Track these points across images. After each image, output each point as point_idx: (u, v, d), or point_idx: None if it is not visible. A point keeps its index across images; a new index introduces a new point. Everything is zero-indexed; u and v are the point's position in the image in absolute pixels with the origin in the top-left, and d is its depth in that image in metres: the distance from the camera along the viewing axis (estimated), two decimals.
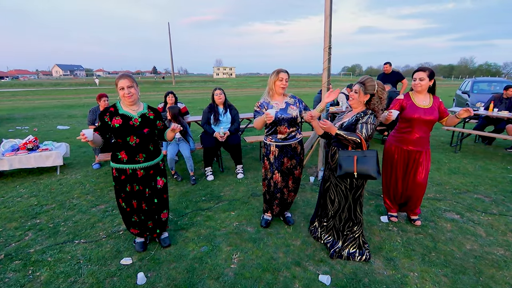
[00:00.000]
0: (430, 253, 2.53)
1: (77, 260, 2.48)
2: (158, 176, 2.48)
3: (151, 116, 2.38)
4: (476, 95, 9.35)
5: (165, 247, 2.62)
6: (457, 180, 4.20)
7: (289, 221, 2.98)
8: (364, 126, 2.23)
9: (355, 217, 2.44)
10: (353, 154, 2.20)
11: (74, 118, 10.44)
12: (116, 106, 2.32)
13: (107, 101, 4.62)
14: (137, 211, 2.49)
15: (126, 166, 2.32)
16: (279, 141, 2.69)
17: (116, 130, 2.25)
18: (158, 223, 2.60)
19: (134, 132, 2.27)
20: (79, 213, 3.29)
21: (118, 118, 2.25)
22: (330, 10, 3.74)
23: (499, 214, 3.21)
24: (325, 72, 3.90)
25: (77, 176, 4.42)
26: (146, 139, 2.33)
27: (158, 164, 2.47)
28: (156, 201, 2.52)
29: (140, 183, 2.39)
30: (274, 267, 2.37)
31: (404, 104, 2.73)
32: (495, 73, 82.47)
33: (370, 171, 2.17)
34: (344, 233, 2.49)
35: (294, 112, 2.65)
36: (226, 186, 4.02)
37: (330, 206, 2.52)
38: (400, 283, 2.19)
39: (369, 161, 2.17)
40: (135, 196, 2.43)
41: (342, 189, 2.40)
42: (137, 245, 2.61)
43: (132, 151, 2.29)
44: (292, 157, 2.75)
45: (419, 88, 2.69)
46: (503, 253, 2.55)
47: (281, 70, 2.62)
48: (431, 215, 3.17)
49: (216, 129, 4.18)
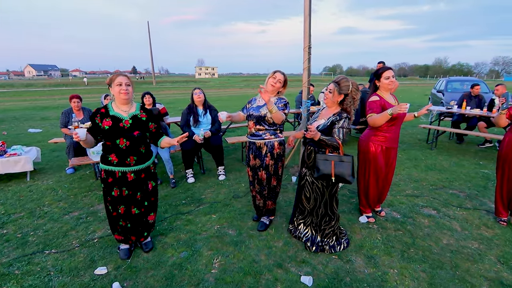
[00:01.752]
0: (409, 249, 2.58)
1: (47, 272, 2.33)
2: (148, 180, 2.42)
3: (143, 117, 2.30)
4: (450, 93, 9.73)
5: (147, 251, 2.54)
6: (433, 176, 4.33)
7: (259, 226, 2.90)
8: (341, 131, 2.29)
9: (332, 212, 2.49)
10: (331, 159, 2.27)
11: (47, 120, 9.97)
12: (108, 107, 2.24)
13: (79, 102, 4.42)
14: (124, 217, 2.40)
15: (116, 169, 2.24)
16: (248, 137, 2.75)
17: (105, 132, 2.16)
18: (145, 226, 2.54)
19: (124, 135, 2.18)
20: (50, 221, 3.11)
21: (108, 119, 2.17)
22: (309, 10, 3.75)
23: (473, 209, 3.33)
24: (305, 71, 3.91)
25: (49, 182, 4.19)
26: (137, 141, 2.24)
27: (149, 168, 2.40)
28: (146, 204, 2.46)
29: (129, 187, 2.31)
30: (256, 270, 2.32)
31: (383, 104, 2.73)
32: (467, 73, 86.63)
33: (345, 175, 2.26)
34: (321, 227, 2.53)
35: (264, 111, 2.59)
36: (207, 188, 3.94)
37: (306, 203, 2.55)
38: (380, 281, 2.21)
39: (345, 166, 2.25)
40: (123, 201, 2.34)
41: (318, 186, 2.43)
42: (122, 252, 2.49)
43: (123, 154, 2.21)
44: (256, 157, 2.72)
45: (392, 86, 2.72)
46: (478, 247, 2.63)
47: (279, 70, 2.65)
48: (410, 212, 3.24)
49: (196, 131, 4.09)
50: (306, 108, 4.02)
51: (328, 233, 2.52)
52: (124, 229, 2.45)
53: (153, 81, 38.55)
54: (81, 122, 4.43)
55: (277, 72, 2.62)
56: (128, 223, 2.44)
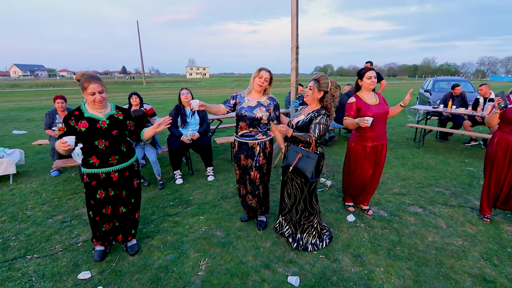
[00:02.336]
0: (395, 247, 2.60)
1: (29, 278, 2.27)
2: (133, 177, 2.41)
3: (120, 116, 2.26)
4: (437, 93, 9.89)
5: (132, 254, 2.50)
6: (420, 174, 4.39)
7: (258, 225, 2.91)
8: (317, 127, 2.31)
9: (312, 207, 2.52)
10: (299, 152, 2.33)
11: (33, 121, 9.73)
12: (81, 109, 2.16)
13: (63, 103, 4.32)
14: (111, 218, 2.37)
15: (99, 170, 2.19)
16: (239, 137, 2.69)
17: (83, 134, 2.10)
18: (133, 223, 2.52)
19: (102, 135, 2.14)
20: (33, 225, 3.03)
21: (84, 121, 2.11)
22: (297, 10, 3.76)
23: (458, 206, 3.39)
24: (293, 71, 3.91)
25: (33, 185, 4.09)
26: (116, 140, 2.21)
27: (132, 165, 2.38)
28: (133, 201, 2.45)
29: (115, 187, 2.28)
30: (243, 271, 2.31)
31: (358, 106, 2.79)
32: (454, 73, 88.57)
33: (307, 171, 2.30)
34: (301, 223, 2.55)
35: (260, 113, 2.57)
36: (195, 189, 3.90)
37: (287, 199, 2.58)
38: (366, 279, 2.22)
39: (309, 162, 2.29)
40: (110, 202, 2.31)
41: (298, 182, 2.45)
42: (96, 254, 2.45)
43: (103, 155, 2.17)
44: (248, 156, 2.69)
45: (373, 86, 2.81)
46: (462, 243, 2.67)
47: (264, 68, 2.58)
48: (396, 210, 3.28)
49: (184, 131, 4.05)
50: (295, 108, 4.03)
51: (307, 228, 2.55)
52: (107, 232, 2.41)
53: (143, 81, 38.09)
54: None
55: (263, 70, 2.57)
56: (116, 223, 2.43)
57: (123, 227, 2.48)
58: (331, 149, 5.88)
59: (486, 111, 5.29)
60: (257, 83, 2.56)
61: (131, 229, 2.53)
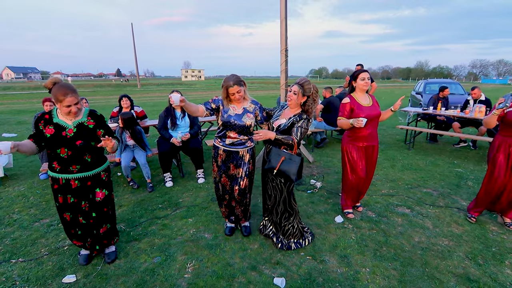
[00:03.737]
0: (382, 248, 2.63)
1: (12, 282, 2.24)
2: (97, 188, 2.27)
3: (90, 125, 2.16)
4: (428, 95, 10.01)
5: (109, 262, 2.42)
6: (409, 175, 4.44)
7: (244, 231, 2.82)
8: (299, 130, 2.34)
9: (291, 208, 2.54)
10: (282, 155, 2.34)
11: (24, 124, 9.61)
12: (52, 113, 2.11)
13: (52, 106, 4.28)
14: (72, 224, 2.29)
15: (59, 176, 2.13)
16: (227, 146, 2.56)
17: (47, 140, 2.05)
18: (97, 239, 2.37)
19: (65, 144, 2.06)
20: (20, 229, 2.99)
21: (51, 127, 2.05)
22: (286, 13, 3.79)
23: (445, 207, 3.43)
24: (282, 74, 3.94)
25: (21, 188, 4.04)
26: (79, 151, 2.11)
27: (99, 175, 2.26)
28: (94, 215, 2.29)
29: (74, 195, 2.20)
30: (230, 273, 2.31)
31: (352, 106, 2.84)
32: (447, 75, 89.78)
33: (290, 173, 2.33)
34: (281, 225, 2.57)
35: (249, 121, 2.49)
36: (185, 192, 3.89)
37: (268, 201, 2.59)
38: (352, 280, 2.24)
39: (293, 165, 2.32)
40: (68, 209, 2.23)
41: (277, 183, 2.47)
42: (81, 258, 2.43)
43: (64, 162, 2.10)
44: (239, 166, 2.59)
45: (367, 87, 2.84)
46: (447, 243, 2.71)
47: (230, 84, 2.36)
48: (384, 211, 3.30)
49: (175, 134, 4.04)
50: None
51: (288, 229, 2.56)
52: (79, 236, 2.35)
53: (138, 84, 37.89)
54: None
55: (229, 88, 2.37)
56: (79, 230, 2.32)
57: (85, 238, 2.36)
58: (323, 151, 5.91)
59: (474, 112, 5.37)
60: (235, 98, 2.43)
61: (94, 244, 2.38)
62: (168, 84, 48.42)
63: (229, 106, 2.51)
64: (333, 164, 5.03)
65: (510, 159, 2.79)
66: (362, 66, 6.89)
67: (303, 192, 3.83)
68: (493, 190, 2.92)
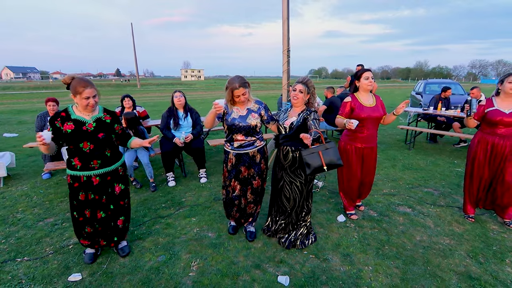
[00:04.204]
0: (384, 247, 2.65)
1: (19, 280, 2.26)
2: (115, 182, 2.36)
3: (107, 120, 2.26)
4: (428, 95, 10.05)
5: (123, 256, 2.50)
6: (410, 175, 4.46)
7: (249, 236, 2.75)
8: (315, 122, 2.38)
9: (307, 207, 2.59)
10: (317, 150, 2.30)
11: (24, 124, 9.63)
12: (68, 111, 2.16)
13: (55, 106, 4.31)
14: (91, 221, 2.35)
15: (80, 173, 2.19)
16: (236, 149, 2.53)
17: (68, 136, 2.10)
18: (114, 230, 2.47)
19: (88, 138, 2.13)
20: (24, 228, 3.01)
21: (70, 123, 2.11)
22: (288, 14, 3.81)
23: (446, 206, 3.46)
24: (284, 74, 3.97)
25: (24, 188, 4.05)
26: (102, 144, 2.20)
27: (117, 170, 2.35)
28: (112, 207, 2.39)
29: (95, 191, 2.27)
30: (234, 271, 2.33)
31: (353, 106, 2.83)
32: (447, 75, 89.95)
33: (335, 160, 2.32)
34: (297, 223, 2.62)
35: (254, 121, 2.46)
36: (188, 191, 3.92)
37: (287, 203, 2.58)
38: (355, 278, 2.26)
39: (332, 152, 2.32)
40: (89, 205, 2.29)
41: (297, 185, 2.49)
42: (86, 257, 2.46)
43: (86, 158, 2.17)
44: (250, 166, 2.57)
45: (371, 87, 2.83)
46: (449, 242, 2.73)
47: (234, 86, 2.32)
48: (386, 210, 3.33)
49: (177, 134, 4.07)
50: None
51: (301, 227, 2.63)
52: (91, 234, 2.40)
53: (138, 84, 37.90)
54: None
55: (235, 90, 2.33)
56: (97, 225, 2.40)
57: (103, 232, 2.44)
58: None
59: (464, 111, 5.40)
60: (240, 100, 2.40)
61: (112, 236, 2.48)
62: (167, 84, 48.43)
63: (233, 109, 2.47)
64: None
65: (488, 155, 2.90)
66: (362, 66, 6.92)
67: None
68: (475, 187, 3.03)
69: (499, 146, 2.82)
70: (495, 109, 2.80)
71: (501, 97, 2.83)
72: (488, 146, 2.89)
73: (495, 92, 2.89)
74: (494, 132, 2.85)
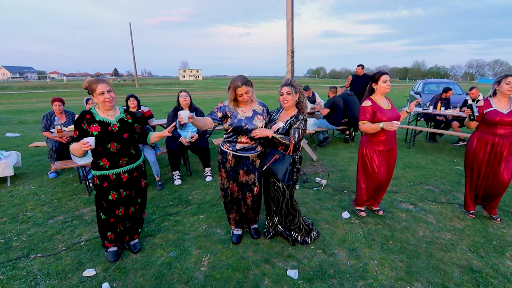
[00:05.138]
0: (388, 242, 2.73)
1: (34, 276, 2.32)
2: (141, 177, 2.49)
3: (129, 120, 2.35)
4: (427, 95, 10.18)
5: (136, 252, 2.58)
6: (411, 173, 4.55)
7: (254, 234, 2.78)
8: (296, 131, 2.34)
9: (294, 209, 2.62)
10: (277, 153, 2.39)
11: (26, 124, 9.65)
12: (92, 112, 2.23)
13: (61, 106, 4.36)
14: (124, 219, 2.46)
15: (109, 172, 2.26)
16: (237, 151, 2.48)
17: (95, 138, 2.14)
18: (140, 222, 2.64)
19: (114, 138, 2.21)
20: (35, 226, 3.07)
21: (96, 125, 2.18)
22: (292, 15, 3.88)
23: (447, 203, 3.55)
24: (288, 74, 4.04)
25: (31, 187, 4.10)
26: (127, 143, 2.29)
27: (140, 166, 2.47)
28: (139, 201, 2.53)
29: (126, 187, 2.36)
30: (244, 266, 2.40)
31: (374, 109, 2.77)
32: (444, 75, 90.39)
33: (279, 173, 2.37)
34: (287, 224, 2.66)
35: (260, 123, 2.42)
36: (194, 189, 3.98)
37: (272, 203, 2.63)
38: (362, 271, 2.34)
39: (283, 164, 2.37)
40: (122, 203, 2.39)
41: (279, 186, 2.50)
42: (109, 255, 2.50)
43: (114, 157, 2.25)
44: (250, 172, 2.53)
45: (388, 90, 2.76)
46: (450, 237, 2.82)
47: (238, 84, 2.29)
48: (389, 207, 3.41)
49: (183, 133, 4.13)
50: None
51: (294, 229, 2.65)
52: (120, 233, 2.49)
53: (136, 83, 37.85)
54: (64, 125, 4.38)
55: (238, 88, 2.31)
56: (127, 223, 2.51)
57: (131, 227, 2.57)
58: (325, 150, 6.02)
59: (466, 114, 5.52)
60: (244, 99, 2.36)
61: (137, 228, 2.64)
62: (166, 84, 48.38)
63: (238, 110, 2.41)
64: (336, 162, 5.14)
65: (487, 154, 2.95)
66: (363, 67, 7.02)
67: (309, 189, 3.94)
68: (475, 185, 3.11)
69: (499, 145, 2.88)
70: (493, 110, 2.85)
71: (498, 97, 2.87)
72: (488, 146, 2.94)
73: (492, 92, 2.92)
74: (494, 132, 2.90)
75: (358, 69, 7.05)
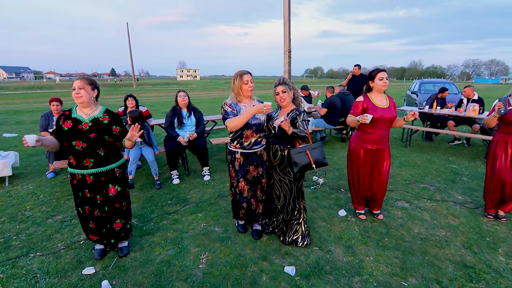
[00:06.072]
0: (384, 239, 2.78)
1: (34, 274, 2.34)
2: (110, 183, 2.36)
3: (105, 120, 2.29)
4: (423, 95, 10.25)
5: (121, 256, 2.52)
6: (407, 172, 4.61)
7: (255, 235, 2.79)
8: (304, 123, 2.47)
9: (299, 205, 2.66)
10: (304, 149, 2.43)
11: (23, 124, 9.62)
12: (72, 109, 2.28)
13: (59, 106, 4.37)
14: (91, 218, 2.42)
15: (75, 171, 2.27)
16: (245, 149, 2.56)
17: (65, 133, 2.21)
18: (110, 233, 2.48)
19: (80, 137, 2.20)
20: (34, 225, 3.08)
21: (69, 121, 2.22)
22: (289, 15, 3.92)
23: (442, 200, 3.60)
24: (286, 74, 4.08)
25: (29, 187, 4.11)
26: (94, 144, 2.22)
27: (113, 171, 2.35)
28: (106, 209, 2.40)
29: (90, 189, 2.31)
30: (242, 263, 2.44)
31: (365, 106, 2.80)
32: (441, 75, 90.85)
33: (321, 159, 2.47)
34: (290, 222, 2.67)
35: (262, 116, 2.55)
36: (192, 188, 4.01)
37: (277, 201, 2.67)
38: (357, 267, 2.39)
39: (318, 151, 2.46)
40: (86, 203, 2.36)
41: (286, 183, 2.57)
42: (96, 252, 2.53)
43: (79, 156, 2.23)
44: (258, 165, 2.63)
45: (385, 87, 2.76)
46: (445, 234, 2.87)
47: (244, 72, 2.51)
48: (385, 205, 3.46)
49: (181, 133, 4.15)
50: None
51: (295, 225, 2.66)
52: (95, 230, 2.46)
53: (133, 83, 37.73)
54: None
55: (244, 75, 2.49)
56: (95, 223, 2.43)
57: (99, 231, 2.46)
58: None
59: (468, 111, 5.57)
60: (247, 89, 2.50)
61: (109, 238, 2.49)
62: (163, 83, 48.30)
63: (240, 105, 2.54)
64: (333, 161, 5.19)
65: (509, 155, 2.93)
66: (359, 67, 7.07)
67: (307, 188, 3.98)
68: (496, 186, 3.04)
69: None
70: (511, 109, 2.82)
71: None
72: (508, 146, 2.92)
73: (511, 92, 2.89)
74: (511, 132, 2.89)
75: (355, 69, 7.09)
